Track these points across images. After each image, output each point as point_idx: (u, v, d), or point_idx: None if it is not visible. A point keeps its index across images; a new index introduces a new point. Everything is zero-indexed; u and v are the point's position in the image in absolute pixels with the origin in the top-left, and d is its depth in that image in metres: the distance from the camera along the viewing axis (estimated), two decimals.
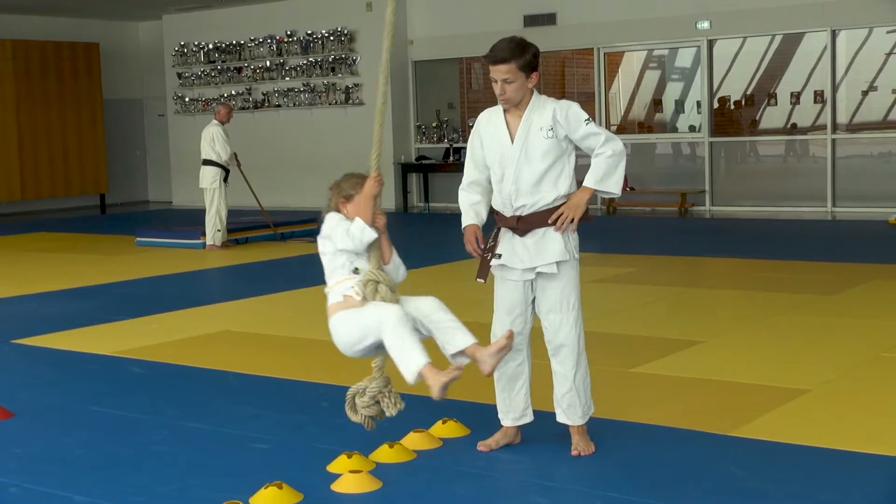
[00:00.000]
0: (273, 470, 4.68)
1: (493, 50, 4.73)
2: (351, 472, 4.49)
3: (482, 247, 4.84)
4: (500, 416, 4.97)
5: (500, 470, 4.63)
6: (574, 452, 4.74)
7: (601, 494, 4.30)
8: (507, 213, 4.78)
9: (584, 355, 4.83)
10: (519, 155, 4.72)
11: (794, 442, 4.89)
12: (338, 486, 4.43)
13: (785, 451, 4.78)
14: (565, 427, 4.94)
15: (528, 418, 4.95)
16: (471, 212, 4.88)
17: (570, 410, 4.82)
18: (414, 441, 4.94)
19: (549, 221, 4.70)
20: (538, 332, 4.88)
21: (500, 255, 4.81)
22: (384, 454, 4.76)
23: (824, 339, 7.16)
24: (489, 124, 4.86)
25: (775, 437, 4.95)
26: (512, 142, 4.74)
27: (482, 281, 4.88)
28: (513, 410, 4.92)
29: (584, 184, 4.73)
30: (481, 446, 4.91)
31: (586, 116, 4.75)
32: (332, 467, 4.63)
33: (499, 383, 4.95)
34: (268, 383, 6.37)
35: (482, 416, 5.36)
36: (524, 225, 4.74)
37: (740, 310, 8.35)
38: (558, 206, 4.72)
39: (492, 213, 4.92)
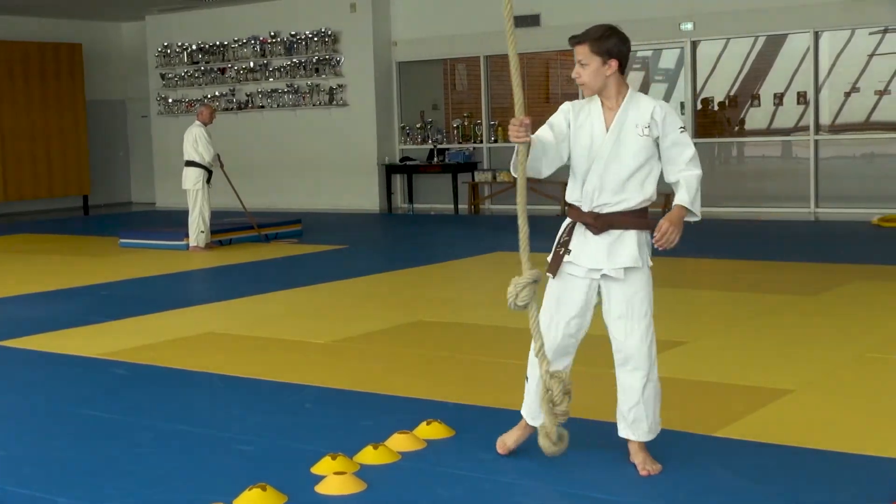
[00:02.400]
0: (257, 472, 4.66)
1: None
2: (335, 473, 4.48)
3: (556, 241, 4.62)
4: (525, 413, 4.82)
5: (484, 471, 4.63)
6: (643, 473, 4.50)
7: (585, 495, 4.30)
8: (585, 208, 4.57)
9: (655, 368, 4.63)
10: (610, 149, 4.51)
11: (778, 442, 4.90)
12: (322, 488, 4.42)
13: (769, 451, 4.79)
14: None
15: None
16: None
17: (635, 425, 4.61)
18: (398, 442, 4.93)
19: (654, 240, 4.51)
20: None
21: (570, 251, 4.58)
22: (368, 456, 4.76)
23: (808, 340, 7.18)
24: (583, 111, 4.59)
25: (760, 438, 4.96)
26: (606, 134, 4.52)
27: (552, 276, 4.64)
28: None
29: (677, 201, 4.54)
30: (499, 444, 4.82)
31: (682, 124, 4.60)
32: (317, 469, 4.62)
33: (537, 384, 4.73)
34: (252, 385, 6.35)
35: (466, 418, 5.36)
36: (601, 223, 4.53)
37: (724, 310, 8.37)
38: (642, 210, 4.55)
39: (566, 206, 4.71)
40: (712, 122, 17.05)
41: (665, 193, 18.13)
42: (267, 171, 19.86)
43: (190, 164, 13.50)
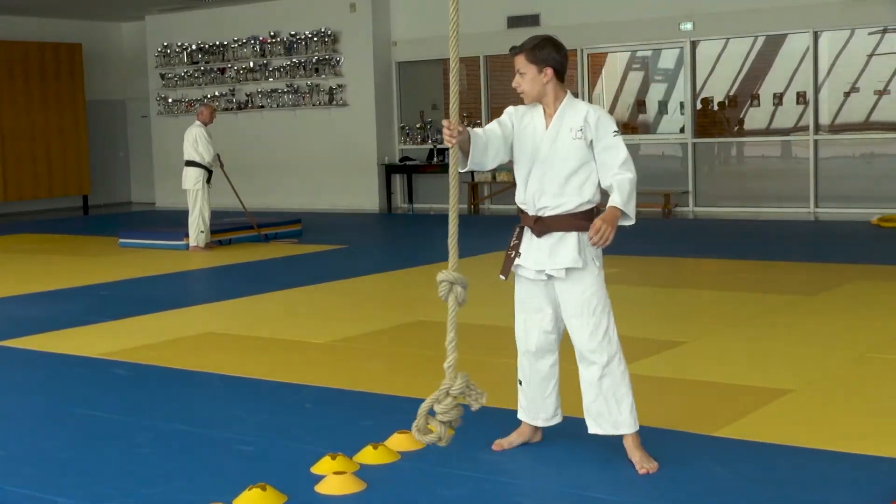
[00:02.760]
0: (257, 471, 4.66)
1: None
2: (335, 473, 4.49)
3: (508, 244, 4.79)
4: (524, 416, 4.93)
5: (484, 471, 4.63)
6: (641, 471, 4.55)
7: (585, 495, 4.30)
8: (531, 212, 4.72)
9: (615, 362, 4.68)
10: (547, 151, 4.65)
11: (778, 442, 4.90)
12: (322, 488, 4.42)
13: (769, 451, 4.79)
14: (551, 429, 4.95)
15: (559, 419, 4.94)
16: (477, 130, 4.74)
17: (599, 419, 4.69)
18: (398, 442, 4.93)
19: (589, 237, 4.55)
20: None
21: (520, 254, 4.74)
22: (368, 455, 4.76)
23: (808, 340, 7.18)
24: (527, 115, 4.77)
25: (759, 438, 4.96)
26: (544, 137, 4.68)
27: (503, 278, 4.81)
28: (544, 411, 4.89)
29: (611, 203, 4.60)
30: (495, 446, 4.90)
31: (616, 128, 4.69)
32: (317, 469, 4.62)
33: (529, 384, 4.89)
34: (252, 385, 6.36)
35: (466, 418, 5.36)
36: (541, 226, 4.67)
37: (724, 310, 8.37)
38: (582, 213, 4.63)
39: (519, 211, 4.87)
40: (712, 122, 17.05)
41: (665, 193, 17.93)
42: (267, 171, 19.86)
43: (190, 163, 13.50)
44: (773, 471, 4.53)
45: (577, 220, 4.63)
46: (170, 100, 21.47)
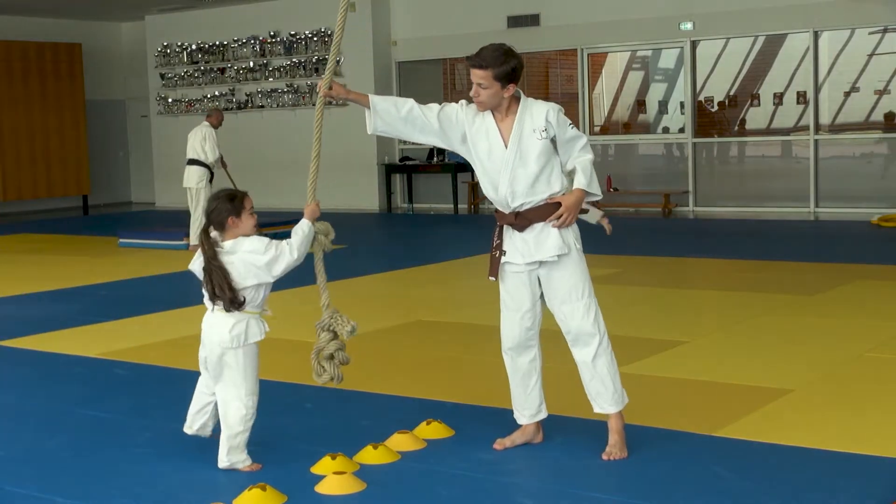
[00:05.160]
0: (257, 472, 4.67)
1: (477, 54, 4.77)
2: (335, 473, 4.49)
3: (491, 245, 4.89)
4: (515, 414, 4.99)
5: (484, 471, 4.63)
6: (605, 457, 4.70)
7: (585, 495, 4.30)
8: (506, 210, 4.83)
9: (604, 342, 4.83)
10: (514, 159, 4.75)
11: (778, 442, 4.90)
12: (322, 488, 4.42)
13: (769, 451, 4.79)
14: (550, 428, 4.95)
15: (543, 414, 4.97)
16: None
17: (598, 398, 4.84)
18: (398, 442, 4.93)
19: (548, 221, 4.73)
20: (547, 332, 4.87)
21: (505, 252, 4.86)
22: (368, 455, 4.76)
23: (808, 340, 7.18)
24: (478, 118, 4.87)
25: (759, 438, 4.96)
26: (506, 146, 4.77)
27: (493, 279, 4.93)
28: (528, 407, 4.94)
29: (576, 185, 4.77)
30: (496, 445, 4.92)
31: (570, 120, 4.89)
32: (316, 469, 4.62)
33: (513, 381, 4.96)
34: None
35: (466, 418, 5.37)
36: (522, 221, 4.78)
37: (724, 310, 8.37)
38: (556, 202, 4.76)
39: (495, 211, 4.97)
40: (712, 121, 17.05)
41: (665, 193, 17.95)
42: (267, 171, 19.85)
43: (193, 162, 13.44)
44: (773, 471, 4.53)
45: (554, 208, 4.77)
46: (170, 100, 21.47)
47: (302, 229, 4.87)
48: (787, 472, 4.50)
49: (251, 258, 4.73)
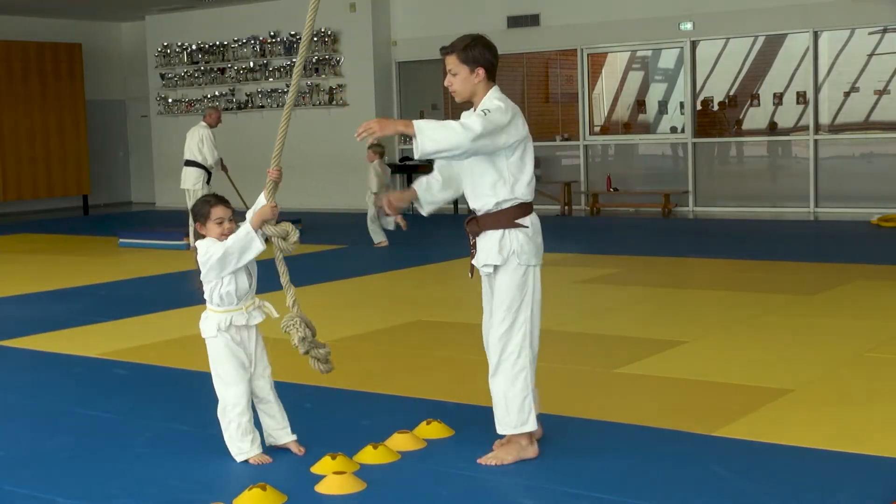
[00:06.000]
0: (257, 471, 4.67)
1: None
2: (335, 473, 4.49)
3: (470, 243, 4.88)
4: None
5: (484, 471, 4.63)
6: (480, 459, 4.70)
7: (585, 495, 4.30)
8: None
9: (509, 365, 4.70)
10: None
11: (778, 442, 4.90)
12: (322, 488, 4.42)
13: (769, 450, 4.79)
14: (550, 428, 4.95)
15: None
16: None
17: (496, 416, 4.79)
18: (398, 442, 4.93)
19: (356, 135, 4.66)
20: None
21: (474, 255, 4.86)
22: (368, 455, 4.76)
23: (808, 339, 7.18)
24: None
25: (759, 437, 4.96)
26: None
27: (471, 276, 4.95)
28: None
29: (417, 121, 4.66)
30: (496, 448, 4.89)
31: (491, 108, 4.62)
32: (316, 468, 4.62)
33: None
34: None
35: (467, 418, 5.36)
36: (472, 226, 4.81)
37: (724, 310, 8.37)
38: (502, 212, 4.69)
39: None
40: (712, 121, 17.05)
41: (665, 193, 17.96)
42: (266, 171, 19.80)
43: (190, 163, 13.45)
44: (773, 471, 4.53)
45: (499, 219, 4.71)
46: (170, 100, 21.47)
47: (238, 233, 4.89)
48: (787, 472, 4.50)
49: (199, 259, 4.88)
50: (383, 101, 18.97)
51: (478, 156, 4.64)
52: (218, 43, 20.68)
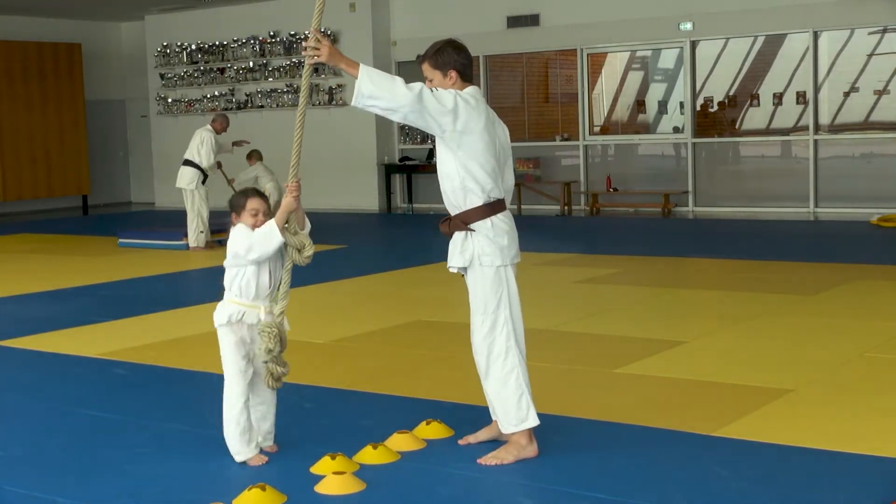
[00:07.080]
0: (256, 471, 4.67)
1: None
2: (334, 473, 4.49)
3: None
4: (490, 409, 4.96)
5: (484, 471, 4.63)
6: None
7: (585, 495, 4.30)
8: None
9: (499, 365, 4.73)
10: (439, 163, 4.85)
11: (778, 442, 4.90)
12: (321, 488, 4.42)
13: (769, 451, 4.79)
14: (549, 428, 4.95)
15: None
16: None
17: (497, 417, 4.82)
18: (398, 442, 4.93)
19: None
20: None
21: None
22: (368, 455, 4.76)
23: (808, 339, 7.18)
24: None
25: (759, 438, 4.96)
26: None
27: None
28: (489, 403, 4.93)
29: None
30: (461, 441, 4.96)
31: (441, 90, 4.69)
32: (316, 469, 4.62)
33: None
34: None
35: (466, 418, 5.36)
36: (444, 228, 4.89)
37: (724, 310, 8.37)
38: (466, 213, 4.74)
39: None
40: (712, 121, 17.04)
41: (665, 193, 17.94)
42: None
43: (188, 163, 13.51)
44: (773, 471, 4.53)
45: (464, 219, 4.78)
46: (169, 100, 21.46)
47: (265, 225, 4.85)
48: (787, 472, 4.51)
49: (228, 244, 4.90)
50: None
51: (443, 160, 4.72)
52: (217, 43, 20.67)
